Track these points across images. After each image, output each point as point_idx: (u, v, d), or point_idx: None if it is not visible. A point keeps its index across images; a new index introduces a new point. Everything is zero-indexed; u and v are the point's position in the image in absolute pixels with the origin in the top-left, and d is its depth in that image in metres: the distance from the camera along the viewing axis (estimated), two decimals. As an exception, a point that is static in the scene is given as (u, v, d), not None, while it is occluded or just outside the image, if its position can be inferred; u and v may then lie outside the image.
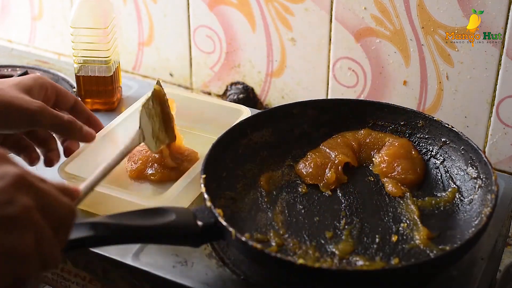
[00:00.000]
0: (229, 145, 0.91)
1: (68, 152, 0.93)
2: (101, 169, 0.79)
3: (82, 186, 0.74)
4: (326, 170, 0.91)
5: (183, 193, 0.88)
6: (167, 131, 0.93)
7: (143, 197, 0.88)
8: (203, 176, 0.83)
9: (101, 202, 0.89)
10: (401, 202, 0.87)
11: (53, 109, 0.87)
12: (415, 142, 0.94)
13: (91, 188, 0.76)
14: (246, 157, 0.92)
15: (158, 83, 0.93)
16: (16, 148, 0.91)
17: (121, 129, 1.01)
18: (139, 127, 0.87)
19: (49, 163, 0.91)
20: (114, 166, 0.81)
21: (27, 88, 0.88)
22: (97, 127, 0.96)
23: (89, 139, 0.92)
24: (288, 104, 0.97)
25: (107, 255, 0.84)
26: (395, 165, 0.90)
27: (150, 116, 0.89)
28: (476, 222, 0.80)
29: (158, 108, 0.92)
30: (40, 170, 0.94)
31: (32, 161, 0.91)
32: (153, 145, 0.90)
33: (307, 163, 0.92)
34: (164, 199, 0.85)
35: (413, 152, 0.92)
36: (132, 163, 0.96)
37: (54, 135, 0.93)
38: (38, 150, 0.92)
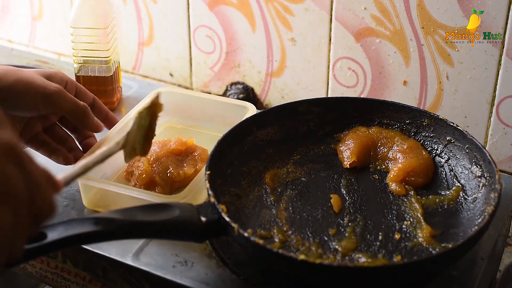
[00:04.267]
0: (234, 142, 0.91)
1: (86, 149, 0.94)
2: (81, 165, 0.75)
3: (61, 179, 0.70)
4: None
5: (199, 191, 0.89)
6: (144, 144, 0.86)
7: (157, 196, 0.87)
8: (208, 172, 0.83)
9: (112, 201, 0.89)
10: (405, 200, 0.87)
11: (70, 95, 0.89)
12: (420, 141, 0.94)
13: (68, 183, 0.73)
14: (251, 154, 0.93)
15: (157, 97, 0.85)
16: (34, 143, 0.92)
17: (127, 130, 1.01)
18: (127, 133, 0.83)
19: (69, 161, 0.92)
20: (93, 166, 0.77)
21: (47, 75, 0.89)
22: (113, 125, 0.99)
23: (97, 129, 0.93)
24: (293, 102, 0.97)
25: (107, 255, 0.84)
26: (411, 178, 0.90)
27: (140, 126, 0.85)
28: (479, 221, 0.80)
29: (148, 121, 0.86)
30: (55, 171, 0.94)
31: (56, 156, 0.92)
32: (128, 155, 0.84)
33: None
34: (181, 197, 0.85)
35: (424, 153, 0.92)
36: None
37: (71, 135, 0.96)
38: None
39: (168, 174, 0.93)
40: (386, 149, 0.94)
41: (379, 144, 0.94)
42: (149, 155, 0.95)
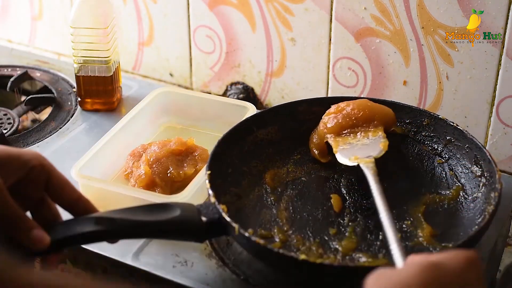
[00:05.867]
0: (235, 141, 0.92)
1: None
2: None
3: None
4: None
5: (199, 191, 0.88)
6: None
7: (157, 196, 0.87)
8: (208, 172, 0.83)
9: (112, 201, 0.89)
10: (406, 199, 0.87)
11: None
12: (420, 140, 0.95)
13: None
14: (251, 153, 0.93)
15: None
16: None
17: (128, 130, 1.01)
18: None
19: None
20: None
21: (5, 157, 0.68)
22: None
23: (35, 245, 0.68)
24: (294, 102, 0.98)
25: (107, 255, 0.84)
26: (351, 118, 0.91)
27: None
28: (479, 220, 0.80)
29: None
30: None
31: None
32: None
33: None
34: (181, 197, 0.85)
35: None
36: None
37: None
38: None
39: (169, 175, 0.93)
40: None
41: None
42: (149, 156, 0.95)
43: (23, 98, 1.24)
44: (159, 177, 0.92)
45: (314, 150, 0.94)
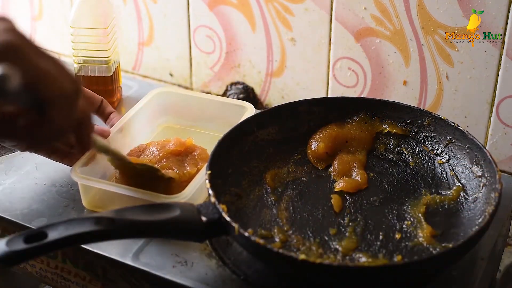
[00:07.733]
0: (235, 142, 0.91)
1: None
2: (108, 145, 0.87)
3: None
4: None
5: (199, 191, 0.88)
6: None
7: (157, 196, 0.87)
8: (208, 172, 0.83)
9: (112, 202, 0.89)
10: (406, 199, 0.87)
11: None
12: (421, 140, 0.95)
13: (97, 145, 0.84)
14: (252, 154, 0.93)
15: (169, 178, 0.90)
16: (45, 149, 0.93)
17: (126, 130, 1.01)
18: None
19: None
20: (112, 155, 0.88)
21: None
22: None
23: (104, 133, 0.95)
24: (294, 102, 0.98)
25: (107, 255, 0.84)
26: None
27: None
28: (479, 221, 0.80)
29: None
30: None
31: (69, 160, 0.93)
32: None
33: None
34: (181, 197, 0.85)
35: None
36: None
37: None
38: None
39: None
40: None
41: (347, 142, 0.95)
42: (148, 157, 0.95)
43: (23, 98, 1.24)
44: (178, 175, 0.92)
45: (311, 156, 0.95)
